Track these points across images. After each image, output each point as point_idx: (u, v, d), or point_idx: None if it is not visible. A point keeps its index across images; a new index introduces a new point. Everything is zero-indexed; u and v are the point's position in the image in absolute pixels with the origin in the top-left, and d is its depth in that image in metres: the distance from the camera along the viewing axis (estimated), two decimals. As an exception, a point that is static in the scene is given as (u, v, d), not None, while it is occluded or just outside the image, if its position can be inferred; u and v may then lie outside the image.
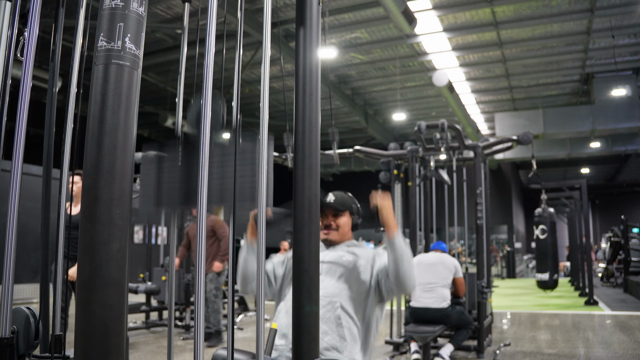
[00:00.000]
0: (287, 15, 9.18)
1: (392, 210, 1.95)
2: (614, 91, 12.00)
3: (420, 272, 4.72)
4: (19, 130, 1.11)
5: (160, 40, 10.28)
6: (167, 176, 1.27)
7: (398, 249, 1.88)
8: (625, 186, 26.50)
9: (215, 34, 1.16)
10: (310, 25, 1.36)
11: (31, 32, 1.15)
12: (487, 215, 5.67)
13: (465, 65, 11.82)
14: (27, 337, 1.13)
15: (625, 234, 12.57)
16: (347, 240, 2.12)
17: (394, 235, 1.89)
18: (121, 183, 0.93)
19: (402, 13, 7.55)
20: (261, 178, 1.20)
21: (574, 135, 13.38)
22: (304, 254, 1.28)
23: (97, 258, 0.90)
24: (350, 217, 2.14)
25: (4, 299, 1.06)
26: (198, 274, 1.10)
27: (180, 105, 1.42)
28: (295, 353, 1.25)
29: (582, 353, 5.36)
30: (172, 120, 12.54)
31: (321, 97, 1.41)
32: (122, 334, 0.93)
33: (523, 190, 26.54)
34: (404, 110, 14.48)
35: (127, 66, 0.97)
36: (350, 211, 2.13)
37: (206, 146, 1.14)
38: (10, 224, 1.09)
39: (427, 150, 5.82)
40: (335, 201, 2.09)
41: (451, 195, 6.19)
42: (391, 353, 5.35)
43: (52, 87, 1.36)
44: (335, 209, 2.09)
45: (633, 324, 7.28)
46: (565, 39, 10.29)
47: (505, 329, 7.11)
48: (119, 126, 0.94)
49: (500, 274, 19.09)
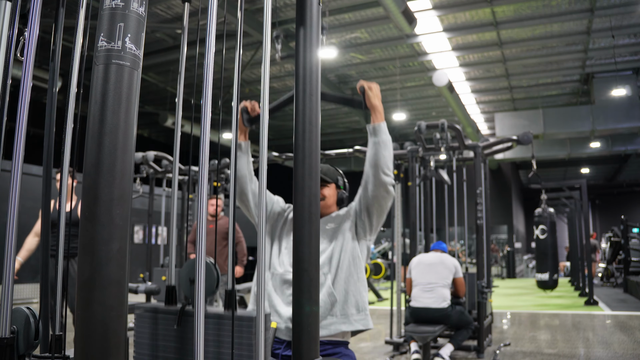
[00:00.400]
0: (287, 15, 9.18)
1: (379, 94, 1.90)
2: (614, 91, 12.00)
3: (420, 272, 4.72)
4: (19, 130, 1.11)
5: (160, 40, 10.28)
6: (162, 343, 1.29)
7: (381, 133, 1.86)
8: (625, 186, 26.52)
9: (215, 34, 1.16)
10: (310, 25, 1.36)
11: (31, 32, 1.15)
12: (487, 215, 5.67)
13: (465, 65, 11.82)
14: (27, 337, 1.13)
15: (625, 234, 12.58)
16: (333, 211, 2.06)
17: (379, 119, 1.87)
18: (121, 183, 0.93)
19: (402, 13, 7.55)
20: (261, 178, 1.20)
21: (574, 135, 13.39)
22: (304, 254, 1.28)
23: (97, 258, 0.90)
24: (337, 190, 2.09)
25: (4, 299, 1.06)
26: (198, 274, 1.10)
27: (180, 105, 1.42)
28: (295, 353, 1.25)
29: (582, 353, 5.36)
30: (172, 120, 12.54)
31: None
32: (122, 334, 0.93)
33: (523, 190, 26.54)
34: (404, 110, 14.48)
35: (127, 66, 0.97)
36: (336, 183, 2.09)
37: (206, 146, 1.14)
38: (10, 224, 1.09)
39: (427, 150, 5.82)
40: (321, 171, 2.03)
41: (451, 195, 6.19)
42: (391, 353, 5.35)
43: (52, 87, 1.36)
44: (320, 179, 2.04)
45: (633, 324, 7.28)
46: (565, 39, 10.30)
47: (505, 329, 7.11)
48: (119, 126, 0.94)
49: (500, 274, 19.09)
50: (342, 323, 1.85)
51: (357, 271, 1.92)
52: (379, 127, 1.87)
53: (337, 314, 1.86)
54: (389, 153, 1.87)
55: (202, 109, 1.14)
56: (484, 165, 5.89)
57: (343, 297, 1.88)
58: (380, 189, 1.88)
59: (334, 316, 1.86)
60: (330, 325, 1.85)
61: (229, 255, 5.67)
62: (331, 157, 6.18)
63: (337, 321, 1.86)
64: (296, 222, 1.31)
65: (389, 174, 1.88)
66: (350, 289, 1.89)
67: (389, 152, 1.87)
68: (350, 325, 1.86)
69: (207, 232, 6.71)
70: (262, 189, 1.20)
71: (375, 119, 1.88)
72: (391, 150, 1.89)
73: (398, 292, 5.87)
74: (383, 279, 12.54)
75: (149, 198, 7.59)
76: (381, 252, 15.56)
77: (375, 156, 1.86)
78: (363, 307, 1.90)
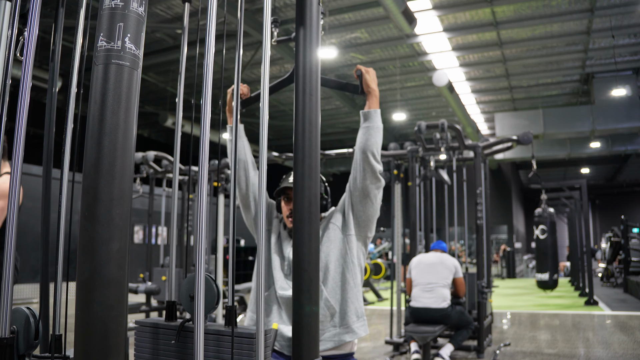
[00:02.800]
0: (287, 15, 9.18)
1: (375, 78, 1.88)
2: (614, 91, 12.00)
3: (420, 272, 4.72)
4: (19, 130, 1.11)
5: (160, 40, 10.28)
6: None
7: (375, 119, 1.83)
8: (625, 186, 26.51)
9: (215, 34, 1.16)
10: (310, 25, 1.36)
11: (31, 32, 1.15)
12: (487, 215, 5.67)
13: (465, 65, 11.82)
14: (27, 337, 1.13)
15: (625, 234, 12.58)
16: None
17: (375, 105, 1.85)
18: (121, 183, 0.93)
19: (402, 13, 7.55)
20: (261, 178, 1.20)
21: (574, 135, 13.38)
22: (304, 254, 1.28)
23: (97, 258, 0.90)
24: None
25: (4, 299, 1.06)
26: (198, 273, 1.10)
27: (181, 105, 1.42)
28: (295, 353, 1.25)
29: (582, 353, 5.36)
30: (172, 120, 12.54)
31: (321, 97, 1.40)
32: (122, 334, 0.93)
33: (523, 190, 26.54)
34: (404, 110, 14.48)
35: (127, 66, 0.97)
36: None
37: (206, 146, 1.14)
38: (10, 224, 1.09)
39: (427, 150, 5.82)
40: None
41: (451, 195, 6.19)
42: (391, 353, 5.36)
43: (52, 87, 1.36)
44: None
45: (633, 324, 7.28)
46: (565, 39, 10.29)
47: (505, 329, 7.11)
48: (119, 126, 0.94)
49: (500, 274, 19.10)
50: (344, 333, 1.81)
51: (353, 277, 1.85)
52: (374, 113, 1.83)
53: (337, 324, 1.82)
54: (380, 140, 1.83)
55: (202, 109, 1.14)
56: (484, 165, 5.90)
57: (342, 307, 1.82)
58: (371, 176, 1.81)
59: (336, 327, 1.81)
60: (334, 337, 1.80)
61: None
62: (331, 157, 6.18)
63: (340, 332, 1.81)
64: (296, 222, 1.31)
65: (379, 161, 1.83)
66: (348, 297, 1.83)
67: (380, 139, 1.83)
68: (354, 334, 1.82)
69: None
70: (262, 189, 1.20)
71: (371, 104, 1.85)
72: (380, 136, 1.84)
73: (398, 292, 5.86)
74: (383, 279, 12.54)
75: (149, 198, 7.59)
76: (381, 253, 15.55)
77: (368, 141, 1.80)
78: (361, 312, 1.86)
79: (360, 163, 1.81)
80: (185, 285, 1.25)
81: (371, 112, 1.83)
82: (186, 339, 1.24)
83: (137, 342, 1.32)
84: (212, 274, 5.75)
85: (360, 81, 1.88)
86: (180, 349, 1.25)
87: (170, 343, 1.25)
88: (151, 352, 1.29)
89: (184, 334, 1.24)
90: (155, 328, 1.30)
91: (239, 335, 1.18)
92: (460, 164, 6.25)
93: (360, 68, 1.88)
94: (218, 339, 1.20)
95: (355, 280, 1.86)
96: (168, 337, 1.27)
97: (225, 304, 1.31)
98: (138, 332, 1.32)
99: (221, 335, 1.20)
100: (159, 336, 1.29)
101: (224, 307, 4.13)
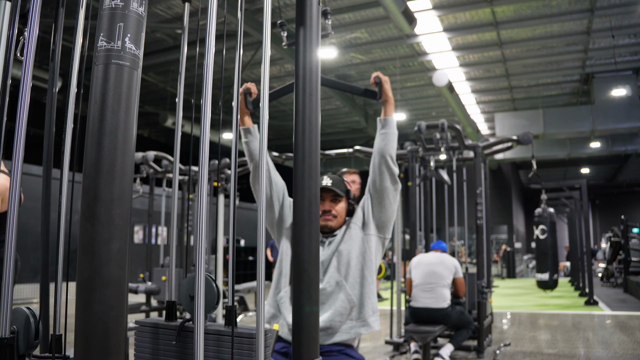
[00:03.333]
0: (287, 15, 9.18)
1: (390, 87, 2.00)
2: (614, 91, 12.00)
3: (420, 272, 4.72)
4: (19, 130, 1.11)
5: (160, 40, 10.28)
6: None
7: (392, 125, 1.98)
8: (625, 186, 26.51)
9: (215, 34, 1.16)
10: (310, 25, 1.36)
11: (31, 32, 1.15)
12: (487, 215, 5.67)
13: (465, 65, 11.82)
14: (27, 337, 1.13)
15: (625, 234, 12.58)
16: (343, 225, 2.06)
17: (391, 112, 1.98)
18: (121, 183, 0.93)
19: (402, 13, 7.55)
20: (261, 178, 1.20)
21: (574, 135, 13.39)
22: (304, 254, 1.28)
23: (97, 258, 0.90)
24: (347, 203, 2.08)
25: (4, 299, 1.06)
26: (198, 273, 1.10)
27: (181, 105, 1.42)
28: (295, 353, 1.25)
29: (582, 353, 5.36)
30: (172, 120, 12.54)
31: (321, 97, 1.41)
32: (122, 334, 0.93)
33: (523, 190, 26.54)
34: (404, 110, 14.48)
35: (127, 66, 0.97)
36: (347, 196, 2.07)
37: (206, 146, 1.14)
38: (10, 224, 1.09)
39: (427, 150, 5.82)
40: (333, 184, 2.01)
41: (451, 195, 6.19)
42: (391, 353, 5.36)
43: (52, 87, 1.36)
44: (335, 193, 2.02)
45: (633, 324, 7.28)
46: (565, 39, 10.29)
47: (505, 329, 7.11)
48: (119, 126, 0.94)
49: (500, 274, 19.10)
50: (361, 326, 1.90)
51: (370, 274, 1.96)
52: (391, 120, 1.98)
53: (355, 318, 1.91)
54: (396, 144, 1.98)
55: (202, 109, 1.14)
56: (484, 165, 5.90)
57: (360, 301, 1.92)
58: (390, 178, 1.96)
59: (352, 320, 1.90)
60: (351, 329, 1.89)
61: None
62: (331, 157, 6.18)
63: (356, 325, 1.90)
64: (296, 222, 1.31)
65: (396, 164, 1.98)
66: (365, 292, 1.93)
67: (396, 143, 1.98)
68: (369, 327, 1.91)
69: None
70: (262, 189, 1.20)
71: (387, 111, 1.98)
72: (396, 140, 1.99)
73: (398, 292, 5.86)
74: (383, 279, 12.54)
75: (149, 198, 7.59)
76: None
77: (387, 146, 1.95)
78: (376, 308, 1.96)
79: (380, 167, 1.96)
80: (185, 285, 1.25)
81: (388, 119, 1.98)
82: (186, 339, 1.24)
83: (137, 342, 1.32)
84: (212, 274, 5.75)
85: (379, 88, 1.98)
86: (180, 349, 1.25)
87: (170, 343, 1.25)
88: (151, 352, 1.29)
89: (184, 334, 1.24)
90: (155, 328, 1.30)
91: (239, 335, 1.19)
92: (460, 164, 6.25)
93: (379, 75, 1.97)
94: (218, 339, 1.20)
95: (372, 277, 1.97)
96: (168, 337, 1.27)
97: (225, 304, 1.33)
98: (138, 332, 1.32)
99: (221, 335, 1.20)
100: (159, 336, 1.29)
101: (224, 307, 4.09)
